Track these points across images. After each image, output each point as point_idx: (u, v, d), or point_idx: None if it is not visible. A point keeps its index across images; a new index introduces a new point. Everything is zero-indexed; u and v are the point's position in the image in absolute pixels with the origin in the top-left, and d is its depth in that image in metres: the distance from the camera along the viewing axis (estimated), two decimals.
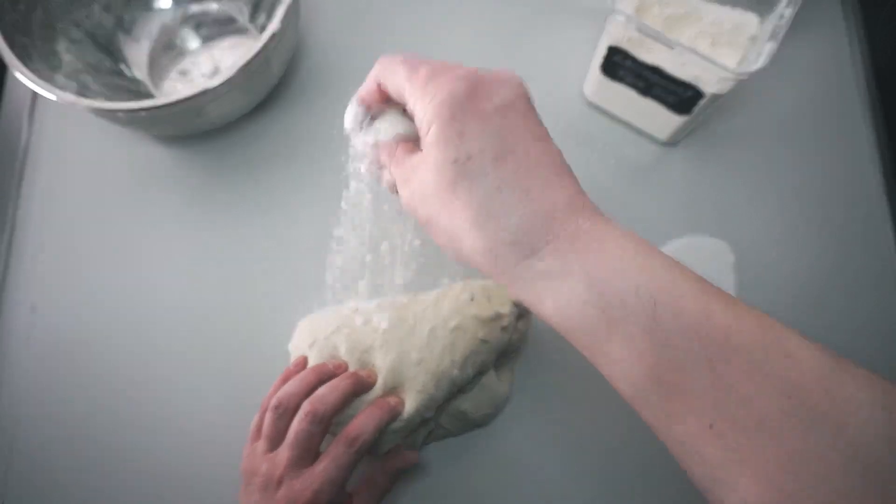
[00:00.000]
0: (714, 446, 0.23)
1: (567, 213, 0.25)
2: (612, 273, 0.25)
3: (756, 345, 0.23)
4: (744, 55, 0.52)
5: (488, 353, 0.42)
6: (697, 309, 0.24)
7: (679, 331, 0.24)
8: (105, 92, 0.53)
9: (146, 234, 0.55)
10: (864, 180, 0.57)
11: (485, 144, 0.26)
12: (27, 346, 0.52)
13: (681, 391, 0.23)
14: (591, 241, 0.25)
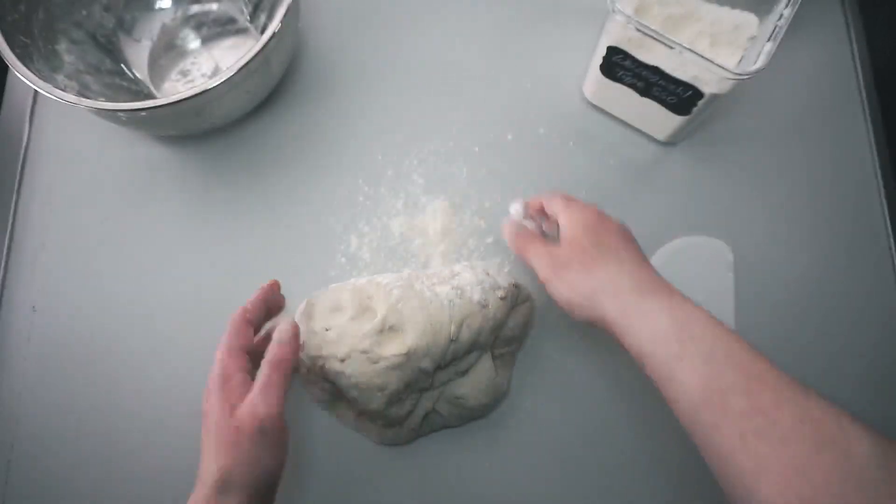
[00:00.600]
0: (744, 454, 0.30)
1: (661, 282, 0.39)
2: (689, 318, 0.35)
3: (783, 384, 0.32)
4: (743, 55, 0.52)
5: (484, 321, 0.44)
6: (744, 353, 0.33)
7: (729, 364, 0.33)
8: (106, 92, 0.53)
9: (146, 233, 0.55)
10: (863, 180, 0.57)
11: (612, 239, 0.41)
12: (27, 345, 0.52)
13: (723, 410, 0.31)
14: (675, 297, 0.37)
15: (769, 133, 0.58)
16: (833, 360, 0.52)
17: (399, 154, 0.57)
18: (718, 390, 0.32)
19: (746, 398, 0.31)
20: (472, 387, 0.47)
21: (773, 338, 0.52)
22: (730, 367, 0.33)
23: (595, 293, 0.38)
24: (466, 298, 0.44)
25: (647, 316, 0.36)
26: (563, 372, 0.51)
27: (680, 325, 0.35)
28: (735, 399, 0.31)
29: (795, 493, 0.28)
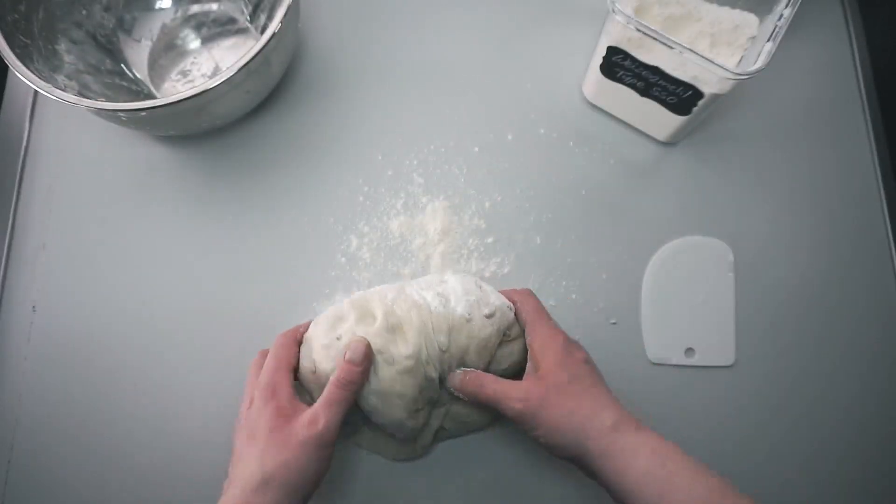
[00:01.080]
0: None
1: (633, 420, 0.40)
2: (667, 455, 0.38)
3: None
4: (743, 55, 0.52)
5: (469, 338, 0.43)
6: (721, 492, 0.37)
7: (710, 495, 0.36)
8: (106, 92, 0.53)
9: (146, 233, 0.55)
10: (863, 180, 0.57)
11: (584, 370, 0.42)
12: (27, 345, 0.52)
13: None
14: (646, 432, 0.39)
15: (769, 133, 0.58)
16: (833, 360, 0.52)
17: (399, 154, 0.57)
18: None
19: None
20: (474, 408, 0.47)
21: (774, 338, 0.52)
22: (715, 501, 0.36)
23: (579, 435, 0.39)
24: (450, 308, 0.43)
25: (627, 454, 0.38)
26: None
27: (660, 463, 0.37)
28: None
29: None
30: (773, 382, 0.52)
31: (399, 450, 0.48)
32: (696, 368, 0.52)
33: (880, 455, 0.50)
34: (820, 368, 0.52)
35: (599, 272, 0.53)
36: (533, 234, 0.54)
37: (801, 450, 0.50)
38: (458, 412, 0.47)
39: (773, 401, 0.51)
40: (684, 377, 0.51)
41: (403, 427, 0.44)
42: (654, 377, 0.51)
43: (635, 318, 0.53)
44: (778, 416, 0.51)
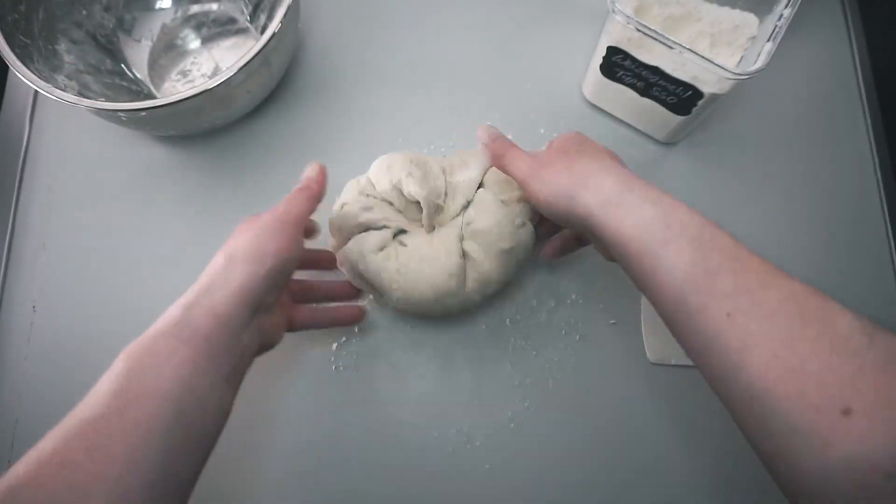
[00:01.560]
0: (731, 332, 0.30)
1: (639, 178, 0.37)
2: (674, 207, 0.35)
3: (767, 267, 0.32)
4: (743, 55, 0.52)
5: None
6: (728, 239, 0.34)
7: (714, 248, 0.33)
8: (106, 92, 0.53)
9: (146, 233, 0.55)
10: (863, 180, 0.57)
11: (597, 148, 0.42)
12: (27, 345, 0.52)
13: (710, 291, 0.31)
14: (658, 190, 0.36)
15: (769, 133, 0.58)
16: None
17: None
18: (705, 271, 0.32)
19: (733, 278, 0.31)
20: (478, 211, 0.47)
21: None
22: (716, 250, 0.33)
23: (576, 187, 0.37)
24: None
25: (631, 206, 0.35)
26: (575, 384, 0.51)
27: (665, 212, 0.34)
28: (722, 279, 0.31)
29: (783, 364, 0.28)
30: None
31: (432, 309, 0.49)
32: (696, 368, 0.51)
33: None
34: None
35: (599, 272, 0.53)
36: None
37: None
38: (466, 223, 0.47)
39: None
40: (684, 377, 0.51)
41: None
42: (654, 377, 0.51)
43: (635, 318, 0.53)
44: None
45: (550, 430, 0.50)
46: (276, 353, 0.52)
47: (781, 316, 0.30)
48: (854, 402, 0.27)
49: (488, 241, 0.46)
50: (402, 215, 0.48)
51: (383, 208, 0.47)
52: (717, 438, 0.50)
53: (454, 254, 0.46)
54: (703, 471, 0.49)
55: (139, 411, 0.31)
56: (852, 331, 0.29)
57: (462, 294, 0.46)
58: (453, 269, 0.45)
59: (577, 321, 0.52)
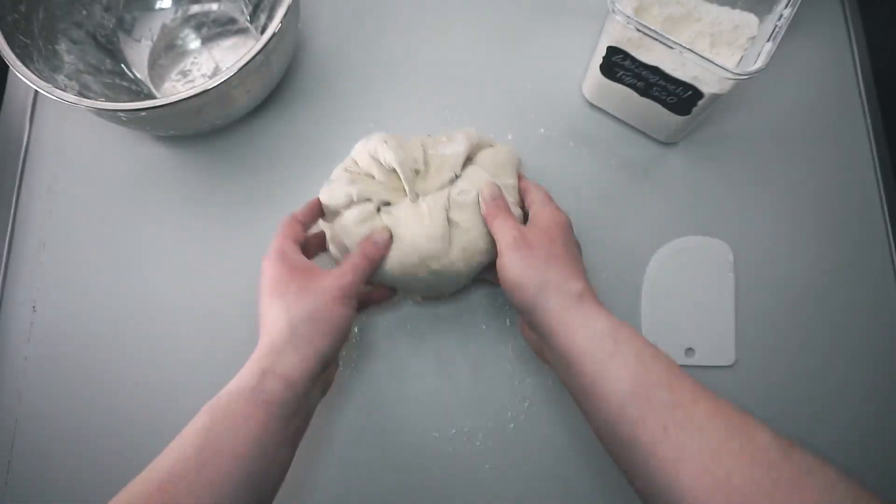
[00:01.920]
0: (666, 444, 0.33)
1: (598, 301, 0.41)
2: (621, 325, 0.38)
3: (697, 385, 0.35)
4: (743, 55, 0.52)
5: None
6: (665, 358, 0.37)
7: (655, 364, 0.36)
8: (106, 92, 0.53)
9: (146, 233, 0.55)
10: (863, 180, 0.57)
11: (572, 248, 0.45)
12: (27, 345, 0.52)
13: (649, 403, 0.34)
14: (610, 314, 0.40)
15: (769, 133, 0.58)
16: (833, 359, 0.52)
17: None
18: (647, 384, 0.35)
19: (669, 393, 0.34)
20: (470, 183, 0.47)
21: (774, 338, 0.52)
22: (656, 365, 0.36)
23: (548, 284, 0.40)
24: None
25: (586, 317, 0.39)
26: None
27: (615, 329, 0.38)
28: (660, 393, 0.34)
29: (712, 478, 0.31)
30: (773, 382, 0.52)
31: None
32: (696, 368, 0.52)
33: (881, 454, 0.50)
34: (820, 368, 0.52)
35: (599, 272, 0.53)
36: None
37: None
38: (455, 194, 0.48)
39: (774, 400, 0.51)
40: None
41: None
42: None
43: (635, 318, 0.53)
44: (778, 416, 0.51)
45: (550, 430, 0.50)
46: None
47: (710, 430, 0.33)
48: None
49: (477, 212, 0.47)
50: (383, 187, 0.48)
51: (366, 182, 0.48)
52: None
53: (439, 218, 0.46)
54: None
55: (215, 470, 0.34)
56: (770, 444, 0.32)
57: (447, 259, 0.46)
58: (437, 231, 0.46)
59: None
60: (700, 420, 0.33)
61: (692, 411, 0.33)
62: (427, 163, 0.48)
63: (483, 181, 0.47)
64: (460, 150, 0.48)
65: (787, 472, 0.30)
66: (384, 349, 0.52)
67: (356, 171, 0.49)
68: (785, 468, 0.30)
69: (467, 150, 0.49)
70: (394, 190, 0.48)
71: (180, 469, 0.34)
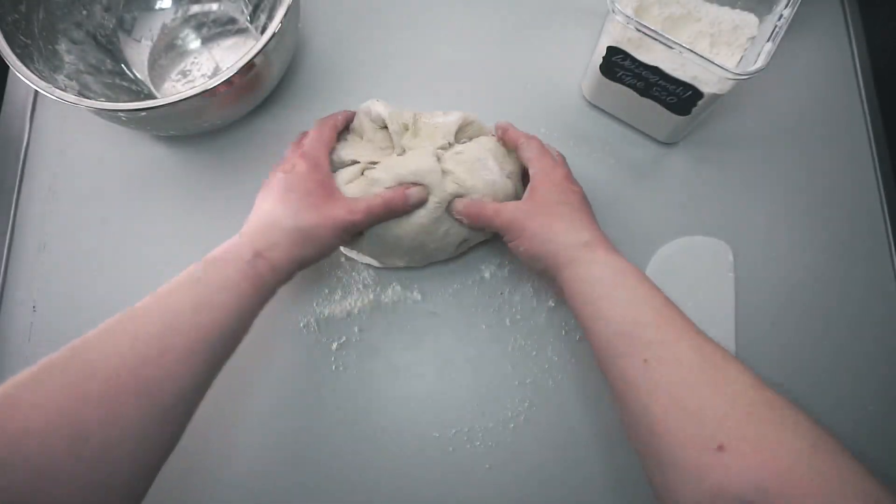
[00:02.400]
0: (645, 376, 0.35)
1: (609, 243, 0.44)
2: (624, 270, 0.41)
3: (687, 326, 0.38)
4: (743, 55, 0.52)
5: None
6: (658, 300, 0.39)
7: (646, 307, 0.39)
8: (106, 92, 0.53)
9: (146, 233, 0.55)
10: (863, 180, 0.57)
11: (574, 199, 0.46)
12: (27, 345, 0.52)
13: (632, 340, 0.37)
14: (614, 254, 0.43)
15: (769, 133, 0.58)
16: (833, 359, 0.52)
17: None
18: (633, 323, 0.38)
19: (654, 330, 0.37)
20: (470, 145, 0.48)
21: (774, 337, 0.52)
22: (646, 307, 0.38)
23: (554, 245, 0.43)
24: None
25: (590, 265, 0.41)
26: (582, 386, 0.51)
27: (614, 273, 0.41)
28: (645, 331, 0.37)
29: (679, 406, 0.33)
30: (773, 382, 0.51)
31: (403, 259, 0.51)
32: None
33: (881, 454, 0.50)
34: (820, 368, 0.52)
35: None
36: None
37: None
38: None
39: None
40: None
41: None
42: None
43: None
44: None
45: (550, 430, 0.50)
46: (276, 356, 0.52)
47: (686, 363, 0.35)
48: (726, 440, 0.31)
49: (473, 166, 0.47)
50: (372, 145, 0.49)
51: (357, 144, 0.49)
52: None
53: (427, 155, 0.46)
54: None
55: (207, 316, 0.38)
56: (737, 377, 0.34)
57: (433, 203, 0.46)
58: (424, 165, 0.46)
59: (577, 321, 0.52)
60: (679, 354, 0.35)
61: (673, 347, 0.36)
62: (418, 128, 0.49)
63: (484, 153, 0.48)
64: (452, 119, 0.49)
65: (745, 402, 0.32)
66: (384, 349, 0.52)
67: (347, 134, 0.50)
68: (743, 399, 0.33)
69: (459, 121, 0.49)
70: (382, 150, 0.49)
71: (176, 323, 0.37)
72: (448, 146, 0.48)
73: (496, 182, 0.47)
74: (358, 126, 0.50)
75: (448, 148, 0.48)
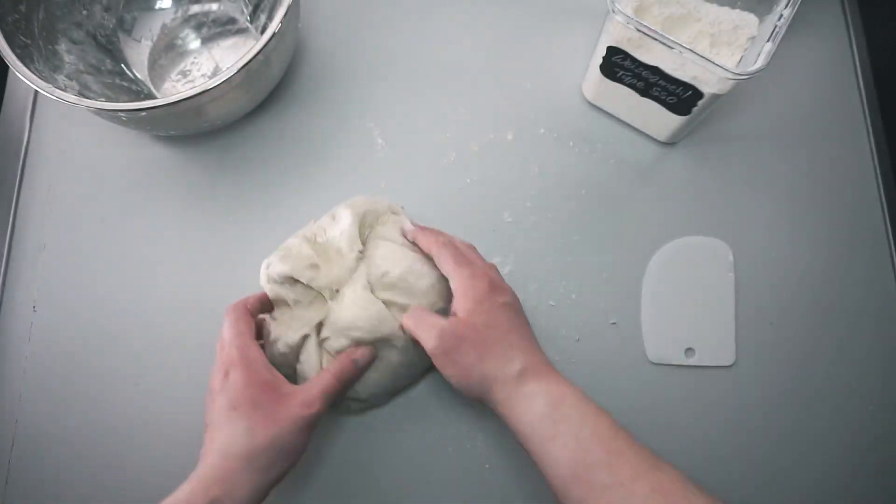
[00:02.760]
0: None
1: (543, 365, 0.42)
2: (563, 399, 0.39)
3: (640, 458, 0.36)
4: (743, 55, 0.52)
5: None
6: (606, 431, 0.38)
7: (594, 442, 0.37)
8: (106, 92, 0.53)
9: (146, 233, 0.55)
10: (863, 180, 0.57)
11: (504, 318, 0.43)
12: (27, 345, 0.52)
13: (589, 485, 0.36)
14: (552, 377, 0.41)
15: (769, 133, 0.58)
16: (833, 359, 0.52)
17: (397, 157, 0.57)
18: (585, 465, 0.36)
19: (608, 472, 0.35)
20: (385, 260, 0.45)
21: (774, 337, 0.52)
22: (595, 444, 0.37)
23: (486, 380, 0.41)
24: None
25: (527, 400, 0.39)
26: None
27: (554, 407, 0.38)
28: (599, 474, 0.35)
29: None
30: (773, 382, 0.52)
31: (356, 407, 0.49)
32: (696, 368, 0.52)
33: (880, 454, 0.50)
34: (820, 368, 0.52)
35: (599, 272, 0.53)
36: (533, 233, 0.54)
37: (800, 449, 0.50)
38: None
39: (773, 401, 0.51)
40: (684, 377, 0.51)
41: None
42: (654, 377, 0.51)
43: (635, 318, 0.53)
44: (778, 416, 0.51)
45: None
46: None
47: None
48: None
49: (407, 283, 0.45)
50: (303, 304, 0.45)
51: (288, 314, 0.46)
52: (717, 438, 0.50)
53: (371, 302, 0.44)
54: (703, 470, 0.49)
55: None
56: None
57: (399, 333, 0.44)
58: (371, 317, 0.43)
59: (577, 321, 0.52)
60: (639, 498, 0.34)
61: (631, 489, 0.34)
62: (325, 254, 0.46)
63: (406, 258, 0.45)
64: (345, 224, 0.46)
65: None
66: None
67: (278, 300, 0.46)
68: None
69: (355, 221, 0.46)
70: (312, 303, 0.45)
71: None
72: (360, 254, 0.45)
73: (434, 285, 0.46)
74: (275, 297, 0.46)
75: (360, 259, 0.45)
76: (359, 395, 0.46)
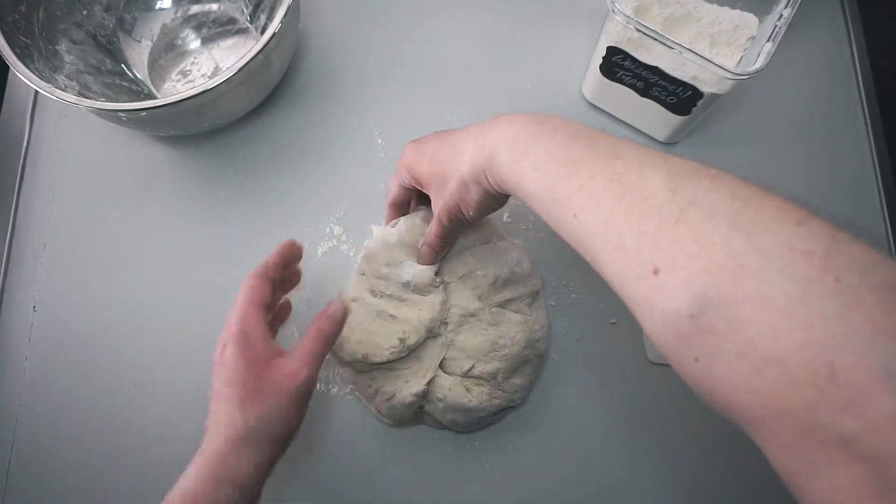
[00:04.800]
0: (580, 230, 0.33)
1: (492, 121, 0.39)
2: (516, 137, 0.37)
3: (598, 152, 0.34)
4: (743, 55, 0.52)
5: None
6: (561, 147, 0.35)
7: (550, 163, 0.35)
8: (106, 92, 0.53)
9: (146, 233, 0.55)
10: (863, 180, 0.57)
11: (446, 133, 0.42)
12: (27, 345, 0.52)
13: (557, 202, 0.34)
14: (504, 129, 0.38)
15: (769, 133, 0.58)
16: None
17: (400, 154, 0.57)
18: (548, 187, 0.35)
19: (568, 182, 0.34)
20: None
21: None
22: (553, 164, 0.35)
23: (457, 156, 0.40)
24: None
25: (492, 158, 0.38)
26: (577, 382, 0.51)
27: (512, 149, 0.37)
28: (561, 188, 0.34)
29: (611, 244, 0.31)
30: None
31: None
32: None
33: None
34: None
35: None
36: (533, 233, 0.54)
37: None
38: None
39: None
40: None
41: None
42: (654, 377, 0.51)
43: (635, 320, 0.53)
44: None
45: (550, 430, 0.50)
46: None
47: (605, 197, 0.32)
48: (659, 261, 0.28)
49: (465, 273, 0.47)
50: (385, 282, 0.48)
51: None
52: (718, 437, 0.50)
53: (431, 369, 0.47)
54: (704, 469, 0.49)
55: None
56: (656, 189, 0.30)
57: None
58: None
59: (577, 321, 0.52)
60: (597, 192, 0.32)
61: (589, 188, 0.33)
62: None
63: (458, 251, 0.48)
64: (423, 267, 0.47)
65: (670, 212, 0.29)
66: None
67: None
68: (669, 209, 0.29)
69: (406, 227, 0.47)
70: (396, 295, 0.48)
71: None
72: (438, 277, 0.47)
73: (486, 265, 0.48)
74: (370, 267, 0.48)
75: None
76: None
